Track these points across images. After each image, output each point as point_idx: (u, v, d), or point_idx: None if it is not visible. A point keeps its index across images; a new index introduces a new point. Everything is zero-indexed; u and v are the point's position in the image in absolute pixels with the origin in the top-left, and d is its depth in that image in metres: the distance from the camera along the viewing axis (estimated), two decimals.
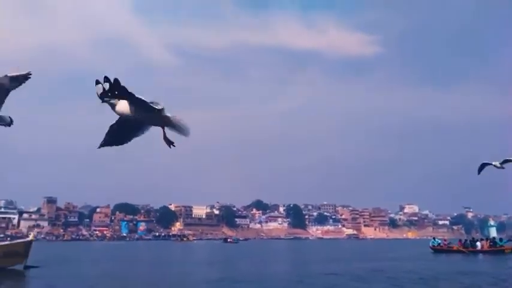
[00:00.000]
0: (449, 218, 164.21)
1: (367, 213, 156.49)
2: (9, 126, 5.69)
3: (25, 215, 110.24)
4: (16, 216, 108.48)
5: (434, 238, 39.46)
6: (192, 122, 4.37)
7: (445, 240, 38.81)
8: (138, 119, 4.24)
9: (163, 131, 4.43)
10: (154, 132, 4.36)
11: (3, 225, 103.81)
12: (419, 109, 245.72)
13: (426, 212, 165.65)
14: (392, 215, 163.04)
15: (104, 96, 3.92)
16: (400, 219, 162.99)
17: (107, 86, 3.77)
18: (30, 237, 17.29)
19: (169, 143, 4.45)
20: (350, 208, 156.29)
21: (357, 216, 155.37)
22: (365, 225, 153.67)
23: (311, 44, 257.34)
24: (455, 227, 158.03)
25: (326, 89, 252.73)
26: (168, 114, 4.33)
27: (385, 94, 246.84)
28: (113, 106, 4.03)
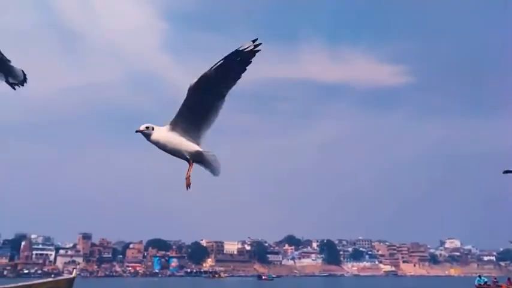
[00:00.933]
0: (495, 253, 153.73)
1: (406, 249, 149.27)
2: (22, 85, 4.97)
3: (61, 251, 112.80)
4: (53, 253, 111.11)
5: (480, 276, 36.74)
6: (222, 156, 4.40)
7: (494, 278, 36.14)
8: (171, 151, 4.21)
9: (191, 167, 4.27)
10: (185, 168, 4.25)
11: (41, 261, 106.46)
12: (461, 139, 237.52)
13: (469, 247, 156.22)
14: (432, 250, 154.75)
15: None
16: (441, 254, 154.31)
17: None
18: (73, 274, 17.50)
19: (188, 184, 4.28)
20: (387, 243, 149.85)
21: (395, 251, 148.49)
22: (404, 261, 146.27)
23: (339, 76, 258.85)
24: (502, 263, 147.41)
25: (356, 121, 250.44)
26: (201, 149, 4.29)
27: (418, 124, 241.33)
28: (148, 136, 4.14)
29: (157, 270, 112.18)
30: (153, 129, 4.16)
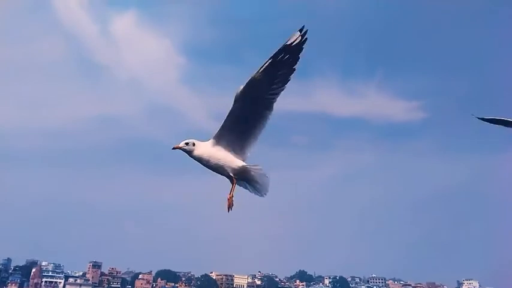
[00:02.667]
0: None
1: None
2: None
3: (71, 279, 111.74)
4: (62, 281, 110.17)
5: None
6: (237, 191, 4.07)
7: None
8: (215, 166, 3.97)
9: (234, 186, 4.04)
10: (198, 200, 4.02)
11: None
12: (478, 176, 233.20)
13: None
14: None
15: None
16: None
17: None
18: None
19: (230, 206, 4.03)
20: (401, 282, 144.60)
21: None
22: None
23: (352, 110, 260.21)
24: None
25: (369, 156, 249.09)
26: (246, 164, 4.03)
27: (432, 161, 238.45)
28: (189, 152, 3.96)
29: None
30: (193, 144, 3.98)
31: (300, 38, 3.64)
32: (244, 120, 3.91)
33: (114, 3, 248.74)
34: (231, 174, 4.03)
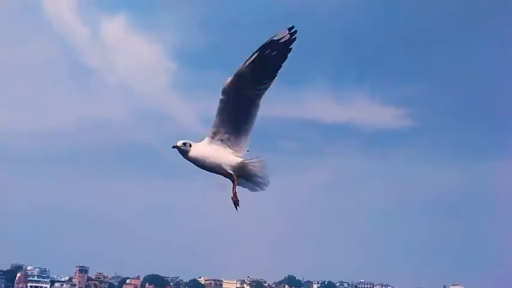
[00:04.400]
0: None
1: None
2: None
3: (57, 284, 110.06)
4: (48, 286, 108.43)
5: None
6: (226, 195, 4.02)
7: None
8: (212, 166, 3.91)
9: (235, 183, 3.99)
10: (186, 205, 3.79)
11: None
12: (465, 183, 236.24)
13: None
14: None
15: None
16: None
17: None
18: None
19: (236, 202, 3.98)
20: (389, 287, 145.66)
21: None
22: None
23: (342, 117, 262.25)
24: None
25: (358, 162, 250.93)
26: (246, 160, 3.96)
27: (420, 167, 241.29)
28: (185, 153, 3.89)
29: None
30: (190, 146, 3.91)
31: (288, 36, 3.66)
32: (234, 115, 3.87)
33: (105, 6, 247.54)
34: (230, 172, 3.97)
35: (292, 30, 3.70)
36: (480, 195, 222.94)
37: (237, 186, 4.08)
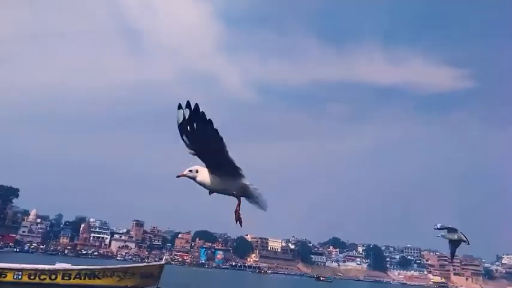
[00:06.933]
0: None
1: (458, 261, 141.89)
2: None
3: (116, 236, 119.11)
4: (108, 237, 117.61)
5: None
6: (274, 154, 3.87)
7: None
8: (219, 191, 4.16)
9: (239, 202, 4.29)
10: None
11: (97, 244, 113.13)
12: None
13: None
14: (487, 265, 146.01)
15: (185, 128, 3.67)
16: (497, 270, 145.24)
17: (187, 113, 3.61)
18: (163, 260, 18.21)
19: (239, 219, 4.29)
20: (437, 253, 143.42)
21: (446, 263, 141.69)
22: (455, 274, 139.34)
23: (394, 79, 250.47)
24: None
25: (410, 126, 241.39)
26: (248, 183, 4.22)
27: (476, 131, 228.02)
28: (193, 178, 4.06)
29: (203, 261, 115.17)
30: (197, 171, 4.07)
31: (188, 110, 3.54)
32: (210, 161, 3.95)
33: None
34: (234, 193, 4.25)
35: (187, 105, 3.58)
36: None
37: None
